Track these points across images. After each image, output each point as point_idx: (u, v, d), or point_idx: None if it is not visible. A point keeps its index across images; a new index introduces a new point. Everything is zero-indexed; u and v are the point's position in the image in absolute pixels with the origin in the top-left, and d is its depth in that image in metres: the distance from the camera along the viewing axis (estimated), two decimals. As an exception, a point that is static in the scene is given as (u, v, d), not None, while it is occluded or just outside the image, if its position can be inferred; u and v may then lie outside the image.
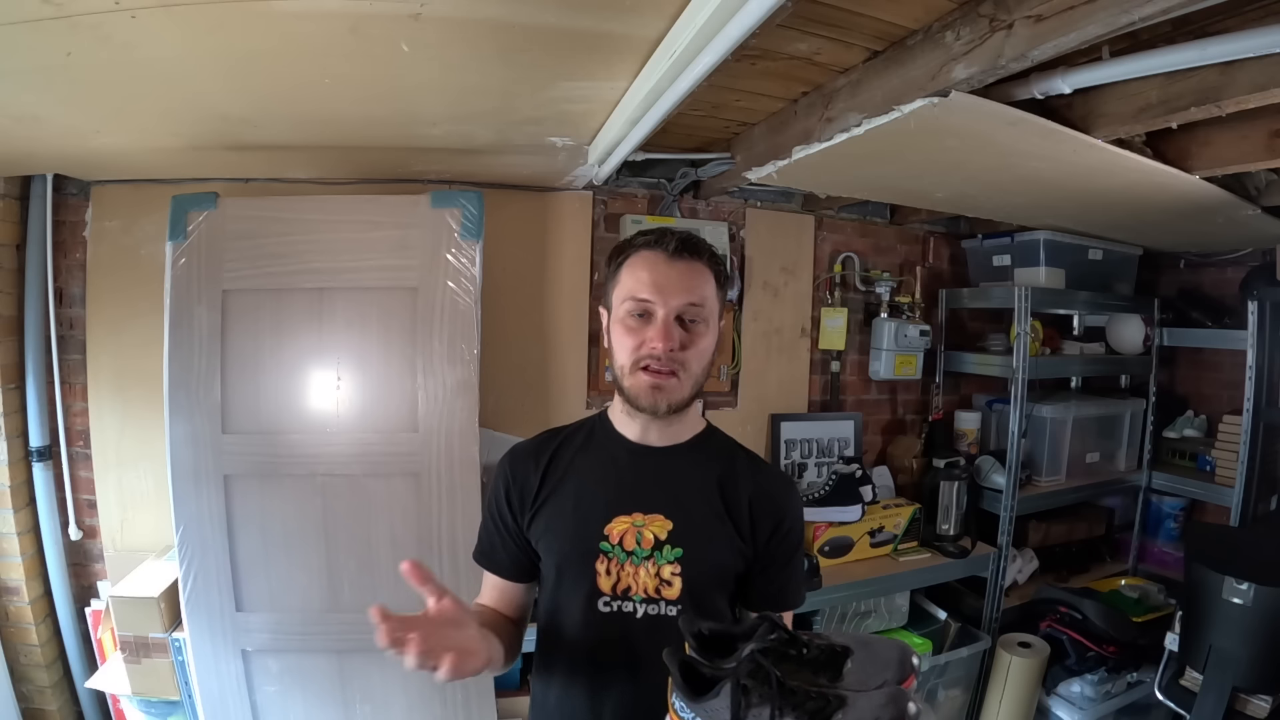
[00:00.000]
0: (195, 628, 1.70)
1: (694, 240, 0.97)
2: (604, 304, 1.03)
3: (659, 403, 0.94)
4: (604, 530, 0.96)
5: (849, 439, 2.57)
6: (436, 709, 1.77)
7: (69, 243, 1.97)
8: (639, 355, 0.94)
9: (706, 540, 0.97)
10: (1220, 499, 2.51)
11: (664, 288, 0.93)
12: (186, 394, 1.69)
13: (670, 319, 0.93)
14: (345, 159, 1.89)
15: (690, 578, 0.95)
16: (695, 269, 0.96)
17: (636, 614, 0.95)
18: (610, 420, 1.05)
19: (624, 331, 0.95)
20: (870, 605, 2.21)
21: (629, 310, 0.95)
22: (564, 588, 0.99)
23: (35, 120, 1.45)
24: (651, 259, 0.95)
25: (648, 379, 0.93)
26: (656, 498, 0.98)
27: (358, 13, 1.03)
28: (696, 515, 0.98)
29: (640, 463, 1.01)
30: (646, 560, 0.95)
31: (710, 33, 1.03)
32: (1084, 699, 2.27)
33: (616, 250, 1.01)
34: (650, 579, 0.95)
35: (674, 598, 0.95)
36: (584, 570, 0.96)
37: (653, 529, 0.96)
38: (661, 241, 0.95)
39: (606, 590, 0.96)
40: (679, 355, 0.93)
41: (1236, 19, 1.14)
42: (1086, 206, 2.11)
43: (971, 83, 1.15)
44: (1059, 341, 2.68)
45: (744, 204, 2.43)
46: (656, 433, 1.01)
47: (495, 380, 2.02)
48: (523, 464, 1.04)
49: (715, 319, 0.99)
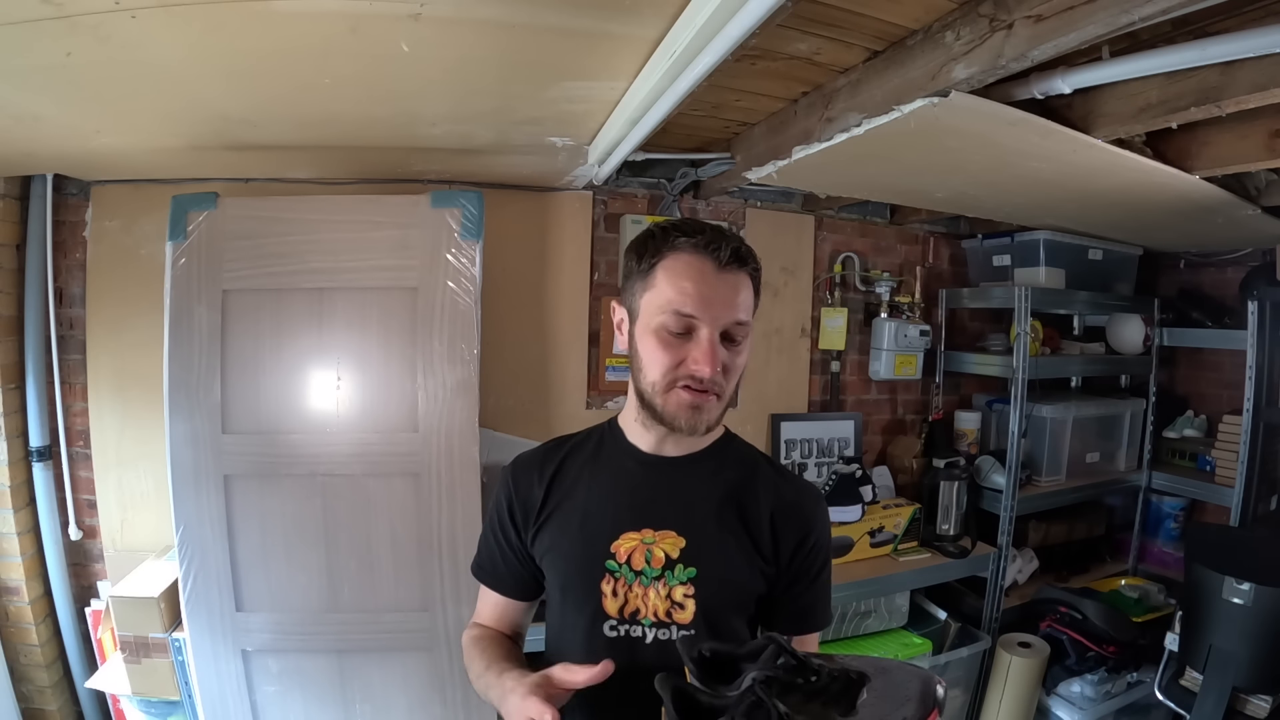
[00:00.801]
0: (195, 628, 1.70)
1: (743, 249, 0.87)
2: (624, 302, 0.92)
3: (698, 424, 0.87)
4: (610, 548, 0.89)
5: (849, 439, 2.57)
6: (436, 709, 1.77)
7: (69, 243, 1.98)
8: (678, 375, 0.85)
9: (723, 558, 0.89)
10: (1220, 499, 2.50)
11: (712, 303, 0.83)
12: (186, 394, 1.69)
13: (716, 339, 0.84)
14: (345, 159, 1.89)
15: (705, 599, 0.88)
16: (742, 281, 0.87)
17: (645, 639, 0.88)
18: (621, 429, 0.97)
19: (659, 345, 0.85)
20: (870, 605, 2.21)
21: (667, 324, 0.84)
22: (568, 609, 0.92)
23: (35, 120, 1.45)
24: (699, 267, 0.84)
25: (688, 398, 0.85)
26: (668, 513, 0.91)
27: (358, 13, 1.03)
28: (711, 531, 0.90)
29: (651, 475, 0.93)
30: (656, 580, 0.88)
31: (710, 33, 1.03)
32: (1084, 699, 2.27)
33: (646, 241, 0.88)
34: (661, 601, 0.88)
35: (687, 621, 0.87)
36: (589, 591, 0.89)
37: (663, 546, 0.89)
38: (712, 247, 0.84)
39: (613, 613, 0.89)
40: (720, 376, 0.85)
41: (1236, 19, 1.14)
42: (1086, 206, 2.11)
43: (971, 83, 1.15)
44: (1059, 341, 2.68)
45: (744, 204, 2.43)
46: (674, 443, 0.94)
47: (495, 380, 2.02)
48: (526, 475, 0.98)
49: (753, 331, 0.91)
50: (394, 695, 1.77)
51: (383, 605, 1.75)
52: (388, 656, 1.76)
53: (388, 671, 1.76)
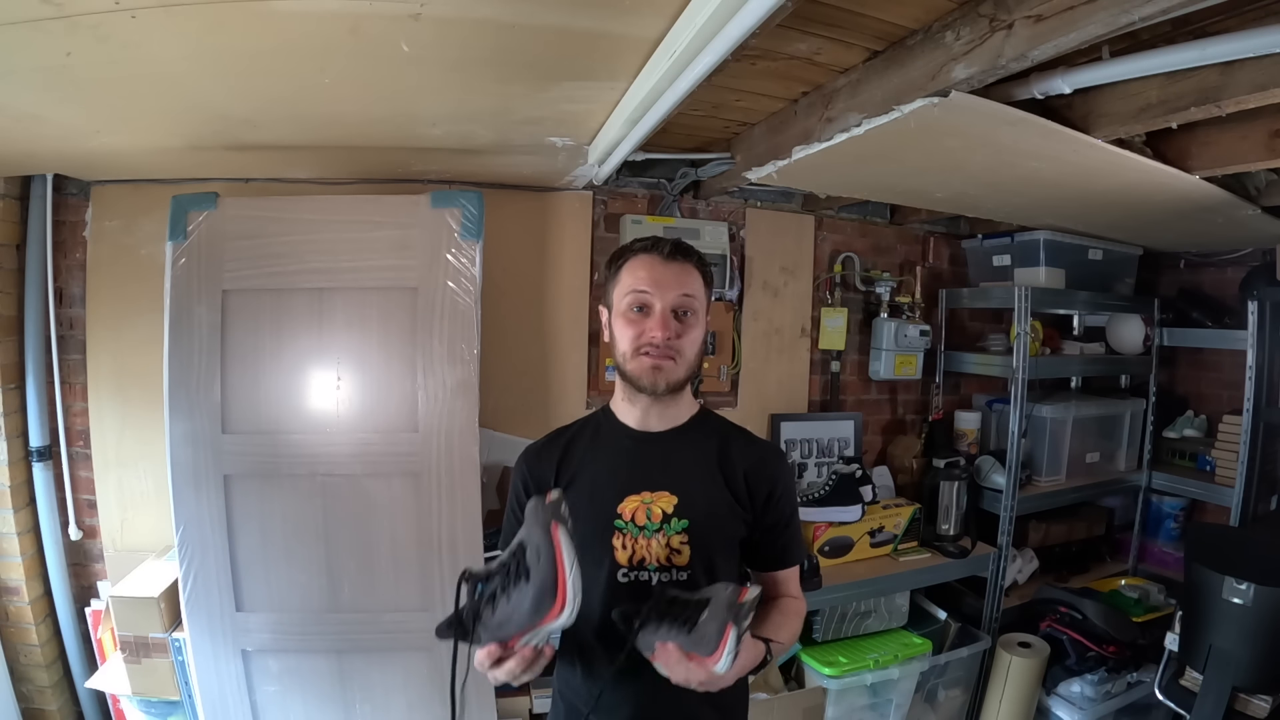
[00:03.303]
0: (195, 628, 1.70)
1: (684, 245, 1.11)
2: (604, 303, 1.15)
3: (659, 381, 1.06)
4: (618, 509, 1.07)
5: (849, 439, 2.57)
6: (436, 709, 1.77)
7: (69, 243, 1.98)
8: (640, 343, 1.06)
9: (709, 511, 1.08)
10: (1220, 499, 2.51)
11: (661, 283, 1.06)
12: (186, 394, 1.69)
13: (667, 311, 1.05)
14: (345, 159, 1.89)
15: (697, 545, 1.06)
16: (686, 269, 1.09)
17: (653, 581, 1.06)
18: (613, 412, 1.16)
19: (625, 323, 1.07)
20: (870, 605, 2.21)
21: (630, 304, 1.07)
22: (588, 565, 1.04)
23: (35, 120, 1.45)
24: (649, 260, 1.08)
25: (649, 361, 1.05)
26: (661, 477, 1.09)
27: (358, 13, 1.03)
28: (698, 489, 1.09)
29: (644, 447, 1.12)
30: (657, 533, 1.06)
31: (710, 33, 1.03)
32: (1084, 699, 2.27)
33: (615, 255, 1.14)
34: (662, 549, 1.06)
35: (684, 564, 1.06)
36: (604, 547, 1.06)
37: (660, 504, 1.07)
38: (657, 246, 1.09)
39: (624, 563, 1.06)
40: (675, 343, 1.05)
41: (1236, 19, 1.14)
42: (1086, 206, 2.11)
43: (971, 83, 1.15)
44: (1059, 341, 2.68)
45: (744, 204, 2.43)
46: (656, 418, 1.12)
47: (495, 380, 2.02)
48: (537, 460, 1.16)
49: (704, 312, 1.11)
50: (394, 695, 1.77)
51: (383, 605, 1.74)
52: (388, 656, 1.76)
53: (388, 671, 1.76)
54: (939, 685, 2.29)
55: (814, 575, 2.05)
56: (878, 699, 2.15)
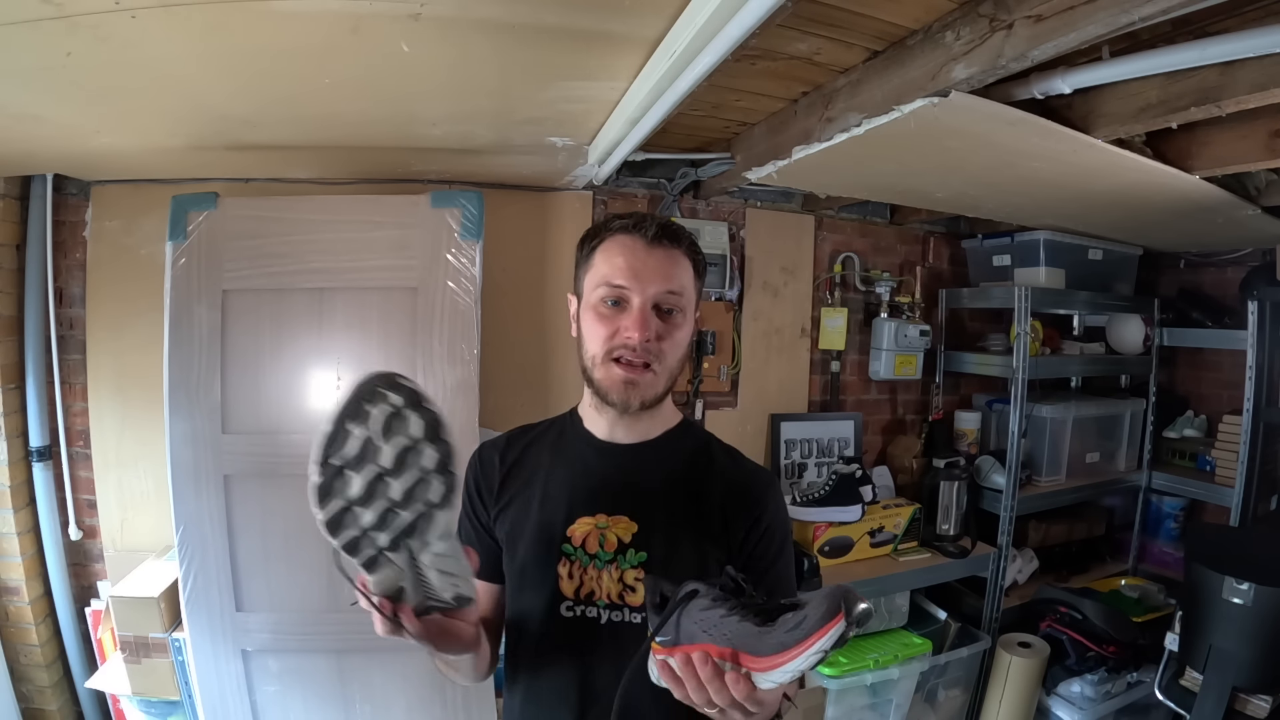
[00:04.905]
0: (195, 628, 1.70)
1: (673, 227, 0.92)
2: (574, 290, 0.96)
3: (631, 399, 0.89)
4: (566, 532, 0.91)
5: (849, 439, 2.57)
6: (436, 709, 1.77)
7: (69, 243, 1.98)
8: (612, 345, 0.88)
9: (672, 544, 0.90)
10: (1220, 499, 2.50)
11: (641, 274, 0.88)
12: (186, 394, 1.69)
13: (647, 307, 0.87)
14: (345, 159, 1.89)
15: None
16: (674, 256, 0.90)
17: (600, 619, 0.90)
18: (580, 417, 1.00)
19: (596, 319, 0.90)
20: (870, 605, 2.20)
21: (602, 297, 0.89)
22: (526, 591, 0.94)
23: (35, 120, 1.45)
24: (629, 244, 0.89)
25: (621, 372, 0.88)
26: (621, 499, 0.92)
27: (358, 13, 1.03)
28: (662, 517, 0.91)
29: (606, 462, 0.95)
30: (609, 564, 0.89)
31: (710, 33, 1.03)
32: (1084, 699, 2.27)
33: (590, 233, 0.95)
34: (613, 584, 0.89)
35: (638, 604, 0.88)
36: (546, 573, 0.91)
37: (616, 531, 0.90)
38: (640, 226, 0.90)
39: (569, 594, 0.90)
40: (654, 346, 0.88)
41: (1236, 19, 1.14)
42: (1086, 206, 2.11)
43: (971, 83, 1.15)
44: (1059, 341, 2.68)
45: (744, 204, 2.42)
46: (625, 429, 0.95)
47: (495, 380, 2.02)
48: (488, 460, 1.00)
49: (692, 310, 0.93)
50: (394, 695, 1.77)
51: (383, 605, 1.74)
52: (388, 656, 1.76)
53: (388, 671, 1.76)
54: (939, 685, 2.29)
55: (814, 575, 2.05)
56: (878, 699, 2.15)
